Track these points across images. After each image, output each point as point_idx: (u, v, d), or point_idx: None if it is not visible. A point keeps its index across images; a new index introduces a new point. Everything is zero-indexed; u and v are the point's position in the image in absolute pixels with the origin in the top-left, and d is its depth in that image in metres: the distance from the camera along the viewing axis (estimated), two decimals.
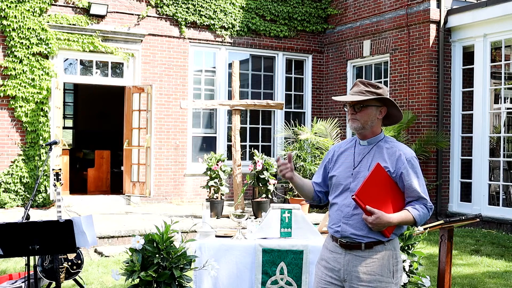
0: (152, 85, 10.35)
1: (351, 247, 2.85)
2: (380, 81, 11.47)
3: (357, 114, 2.92)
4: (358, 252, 2.83)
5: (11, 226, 3.53)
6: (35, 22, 9.78)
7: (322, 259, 2.99)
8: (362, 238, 2.83)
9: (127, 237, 7.60)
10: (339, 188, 2.94)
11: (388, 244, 2.87)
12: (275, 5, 11.98)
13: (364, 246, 2.83)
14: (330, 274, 2.91)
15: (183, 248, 3.51)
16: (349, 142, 3.07)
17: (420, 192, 2.86)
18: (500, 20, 9.41)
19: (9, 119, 9.77)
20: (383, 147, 2.92)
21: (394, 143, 2.95)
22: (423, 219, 2.86)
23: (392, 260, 2.87)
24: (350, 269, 2.84)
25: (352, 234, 2.84)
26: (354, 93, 2.93)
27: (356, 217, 2.84)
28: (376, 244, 2.84)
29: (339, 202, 2.92)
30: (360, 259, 2.83)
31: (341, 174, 2.95)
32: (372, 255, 2.83)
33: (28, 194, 9.79)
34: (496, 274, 6.46)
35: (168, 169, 11.01)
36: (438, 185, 10.21)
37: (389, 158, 2.88)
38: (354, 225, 2.84)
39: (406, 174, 2.85)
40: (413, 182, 2.86)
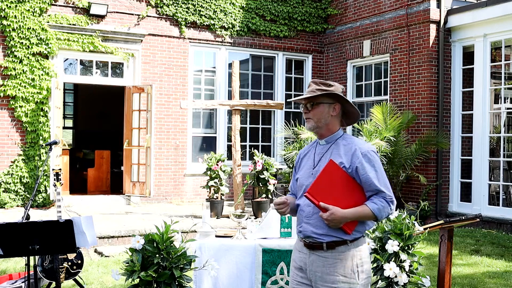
0: (152, 85, 10.35)
1: (314, 247, 2.85)
2: (380, 81, 11.48)
3: (309, 113, 2.93)
4: (321, 253, 2.84)
5: (11, 226, 3.53)
6: (35, 22, 9.78)
7: (293, 259, 3.02)
8: (323, 237, 2.82)
9: (127, 237, 7.60)
10: (301, 189, 2.96)
11: (352, 244, 2.84)
12: (275, 5, 11.98)
13: (326, 246, 2.82)
14: (299, 274, 2.94)
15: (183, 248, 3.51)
16: (311, 145, 3.09)
17: (378, 185, 2.81)
18: (500, 20, 9.41)
19: (9, 119, 9.77)
20: (341, 144, 2.92)
21: (352, 139, 2.95)
22: (383, 213, 2.81)
23: (356, 260, 2.83)
24: (314, 269, 2.86)
25: (313, 233, 2.84)
26: (307, 93, 2.95)
27: (316, 216, 2.84)
28: (338, 244, 2.82)
29: (301, 202, 2.95)
30: (323, 259, 2.83)
31: (303, 176, 2.98)
32: (335, 255, 2.81)
33: (28, 194, 9.79)
34: (496, 274, 6.46)
35: (168, 169, 11.01)
36: (438, 185, 10.21)
37: (345, 154, 2.87)
38: (314, 224, 2.84)
39: (361, 168, 2.82)
40: (370, 176, 2.82)
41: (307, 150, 3.08)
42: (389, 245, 3.92)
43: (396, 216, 4.11)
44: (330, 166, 2.82)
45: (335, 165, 2.82)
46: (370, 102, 11.66)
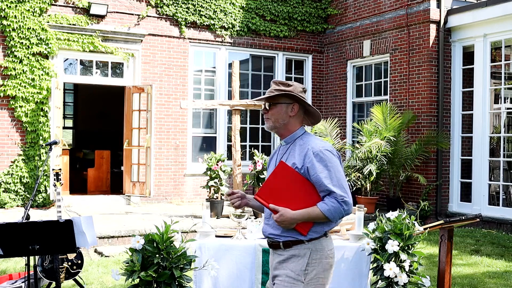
0: (152, 85, 10.35)
1: (274, 246, 2.93)
2: (380, 81, 11.48)
3: (268, 113, 2.94)
4: (279, 251, 2.90)
5: (11, 226, 3.53)
6: (35, 22, 9.78)
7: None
8: (279, 237, 2.87)
9: (127, 237, 7.60)
10: None
11: (309, 244, 2.83)
12: (275, 5, 11.98)
13: (282, 245, 2.87)
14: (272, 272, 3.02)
15: (183, 248, 3.51)
16: (279, 146, 3.11)
17: (328, 185, 2.77)
18: (500, 20, 9.41)
19: (9, 119, 9.77)
20: (297, 145, 2.91)
21: (308, 139, 2.91)
22: (335, 214, 2.77)
23: (308, 259, 2.81)
24: (274, 266, 2.94)
25: (271, 234, 2.92)
26: (267, 93, 2.96)
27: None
28: (295, 243, 2.84)
29: None
30: (280, 257, 2.89)
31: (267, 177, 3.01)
32: (291, 253, 2.85)
33: (28, 194, 9.79)
34: (496, 274, 6.46)
35: (168, 169, 11.01)
36: (438, 185, 10.21)
37: (299, 155, 2.86)
38: (272, 225, 2.91)
39: (311, 168, 2.79)
40: (320, 176, 2.78)
41: (273, 153, 3.12)
42: (389, 245, 3.92)
43: (396, 216, 4.11)
44: (281, 167, 2.81)
45: (286, 166, 2.81)
46: (370, 102, 11.66)
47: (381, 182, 10.38)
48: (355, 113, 12.21)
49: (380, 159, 9.78)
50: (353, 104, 12.15)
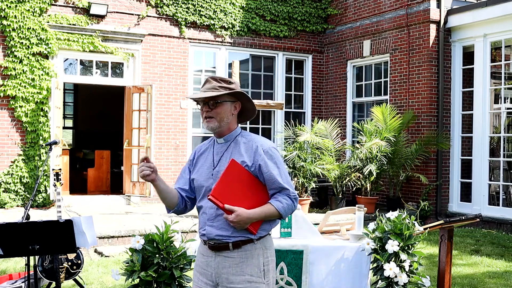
0: (152, 85, 10.35)
1: (219, 249, 2.75)
2: (380, 81, 11.48)
3: (212, 111, 2.79)
4: (227, 253, 2.75)
5: (11, 226, 3.53)
6: (35, 22, 9.78)
7: (197, 264, 2.90)
8: (229, 237, 2.74)
9: (127, 237, 7.60)
10: (201, 190, 2.84)
11: (258, 243, 2.78)
12: (275, 5, 11.98)
13: (232, 246, 2.74)
14: (203, 280, 2.83)
15: (183, 248, 3.51)
16: (208, 143, 2.96)
17: (282, 183, 2.75)
18: (500, 20, 9.41)
19: (9, 119, 9.77)
20: (240, 142, 2.83)
21: (252, 136, 2.87)
22: (288, 210, 2.77)
23: (262, 259, 2.78)
24: (220, 271, 2.76)
25: (217, 236, 2.75)
26: (207, 89, 2.81)
27: (221, 218, 2.75)
28: (245, 243, 2.74)
29: (203, 204, 2.82)
30: (229, 259, 2.75)
31: (201, 176, 2.85)
32: (241, 255, 2.74)
33: (28, 194, 9.79)
34: (496, 274, 6.46)
35: (168, 169, 11.01)
36: (438, 185, 10.21)
37: (246, 152, 2.78)
38: (219, 226, 2.75)
39: (264, 165, 2.75)
40: (273, 173, 2.75)
41: (203, 149, 2.95)
42: (389, 245, 3.92)
43: (396, 216, 4.11)
44: (232, 165, 2.72)
45: (237, 165, 2.73)
46: (370, 102, 11.66)
47: (381, 182, 10.38)
48: (355, 113, 12.21)
49: (380, 159, 9.78)
50: (353, 104, 12.15)
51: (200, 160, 2.92)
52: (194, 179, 2.88)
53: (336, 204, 9.83)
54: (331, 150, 10.30)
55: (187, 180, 2.93)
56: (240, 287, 2.71)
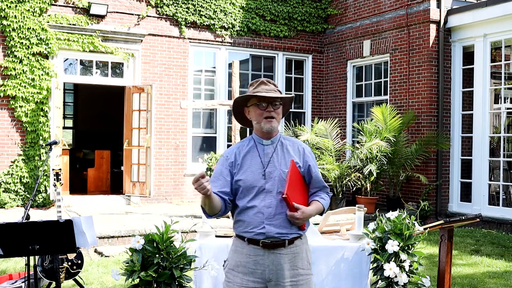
0: (152, 85, 10.35)
1: (275, 246, 2.87)
2: (380, 81, 11.49)
3: (275, 112, 2.94)
4: (281, 250, 2.88)
5: (11, 226, 3.53)
6: (35, 22, 9.78)
7: (238, 266, 2.93)
8: (287, 235, 2.88)
9: (127, 237, 7.60)
10: (253, 191, 2.91)
11: (304, 238, 2.98)
12: (275, 5, 11.98)
13: (287, 243, 2.89)
14: (251, 279, 2.88)
15: (183, 248, 3.50)
16: (247, 144, 3.03)
17: (323, 182, 3.07)
18: (500, 20, 9.41)
19: (9, 119, 9.77)
20: (285, 144, 3.02)
21: (291, 138, 3.09)
22: (327, 206, 3.06)
23: (308, 252, 3.00)
24: (274, 268, 2.86)
25: (277, 234, 2.87)
26: (270, 91, 2.94)
27: (279, 217, 2.88)
28: (296, 239, 2.92)
29: (257, 204, 2.89)
30: (284, 256, 2.88)
31: (250, 177, 2.91)
32: (293, 250, 2.90)
33: (28, 194, 9.79)
34: (496, 274, 6.46)
35: (168, 169, 11.01)
36: (438, 185, 10.21)
37: (295, 154, 2.99)
38: (278, 225, 2.87)
39: (312, 166, 3.01)
40: (318, 173, 3.05)
41: (244, 150, 2.99)
42: (389, 245, 3.92)
43: (396, 216, 4.11)
44: (293, 166, 2.91)
45: (295, 166, 2.93)
46: (370, 102, 11.66)
47: (381, 182, 10.38)
48: (355, 113, 12.21)
49: (380, 159, 9.78)
50: (353, 104, 12.15)
51: (245, 161, 2.97)
52: (241, 180, 2.93)
53: (336, 204, 9.83)
54: (331, 150, 10.30)
55: (228, 182, 2.95)
56: (294, 280, 2.87)
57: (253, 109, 2.97)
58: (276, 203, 2.89)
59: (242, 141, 3.08)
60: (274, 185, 2.90)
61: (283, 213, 2.87)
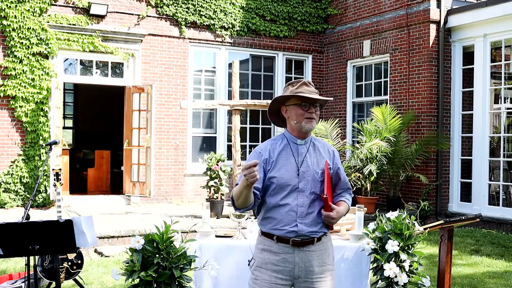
0: (152, 85, 10.35)
1: (304, 244, 2.94)
2: (380, 81, 11.49)
3: (315, 113, 3.00)
4: (310, 247, 2.95)
5: (11, 226, 3.53)
6: (35, 22, 9.78)
7: (266, 263, 2.96)
8: (316, 233, 2.97)
9: (127, 237, 7.60)
10: (286, 189, 2.94)
11: (328, 235, 3.08)
12: (275, 5, 11.98)
13: (316, 240, 2.97)
14: (280, 276, 2.93)
15: (183, 248, 3.50)
16: (280, 142, 3.05)
17: (348, 183, 3.18)
18: (500, 20, 9.41)
19: (9, 119, 9.77)
20: (316, 145, 3.08)
21: (321, 140, 3.17)
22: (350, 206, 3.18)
23: (333, 249, 3.11)
24: (304, 265, 2.93)
25: (308, 232, 2.94)
26: (312, 92, 2.99)
27: (310, 216, 2.96)
28: (323, 236, 3.02)
29: (290, 202, 2.94)
30: (312, 253, 2.95)
31: (285, 175, 2.95)
32: (320, 247, 2.99)
33: (28, 194, 9.79)
34: (496, 274, 6.46)
35: (168, 169, 11.01)
36: (438, 185, 10.21)
37: (326, 155, 3.07)
38: (310, 223, 2.95)
39: (341, 168, 3.13)
40: (345, 175, 3.17)
41: (278, 149, 3.02)
42: (389, 245, 3.92)
43: (396, 216, 4.11)
44: (327, 167, 3.00)
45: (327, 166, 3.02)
46: (370, 102, 11.66)
47: (381, 182, 10.38)
48: (355, 113, 12.21)
49: (380, 159, 9.78)
50: (353, 104, 12.15)
51: (280, 159, 3.00)
52: (275, 177, 2.95)
53: None
54: None
55: (260, 179, 2.96)
56: (322, 276, 2.96)
57: (293, 109, 3.00)
58: (309, 202, 2.95)
59: (273, 138, 3.11)
60: (307, 184, 2.96)
61: (313, 212, 2.95)
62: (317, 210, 2.97)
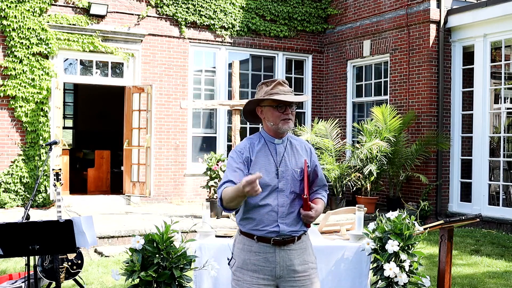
0: (152, 85, 10.35)
1: (285, 243, 2.92)
2: (380, 81, 11.49)
3: (292, 114, 2.97)
4: (290, 246, 2.93)
5: (11, 226, 3.52)
6: (35, 22, 9.78)
7: (247, 264, 2.92)
8: (297, 232, 2.95)
9: (127, 237, 7.60)
10: (266, 189, 2.89)
11: (307, 233, 3.07)
12: (275, 5, 11.98)
13: (297, 239, 2.96)
14: (261, 276, 2.90)
15: (183, 248, 3.50)
16: (257, 142, 3.02)
17: (325, 180, 3.17)
18: (500, 20, 9.41)
19: (9, 119, 9.77)
20: (293, 144, 3.05)
21: (297, 137, 3.13)
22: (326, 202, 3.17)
23: (312, 246, 3.08)
24: (285, 264, 2.91)
25: (290, 232, 2.92)
26: (287, 93, 2.95)
27: (291, 215, 2.94)
28: (303, 235, 3.01)
29: (271, 203, 2.90)
30: (293, 252, 2.93)
31: (265, 175, 2.89)
32: (301, 246, 2.97)
33: (28, 194, 9.79)
34: (496, 274, 6.46)
35: (168, 169, 11.01)
36: (438, 185, 10.21)
37: (304, 154, 3.04)
38: (290, 223, 2.93)
39: (318, 165, 3.11)
40: (322, 172, 3.14)
41: (257, 147, 2.98)
42: (389, 245, 3.92)
43: (396, 216, 4.11)
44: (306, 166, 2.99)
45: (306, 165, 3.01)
46: (370, 102, 11.66)
47: (381, 182, 10.38)
48: (355, 113, 12.21)
49: (380, 159, 9.78)
50: (353, 104, 12.15)
51: (259, 159, 2.96)
52: None
53: (336, 204, 9.83)
54: (331, 150, 10.30)
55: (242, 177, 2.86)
56: (306, 275, 2.94)
57: (269, 110, 2.97)
58: (289, 202, 2.93)
59: (250, 137, 3.07)
60: (287, 184, 2.93)
61: (294, 212, 2.93)
62: (297, 209, 2.95)
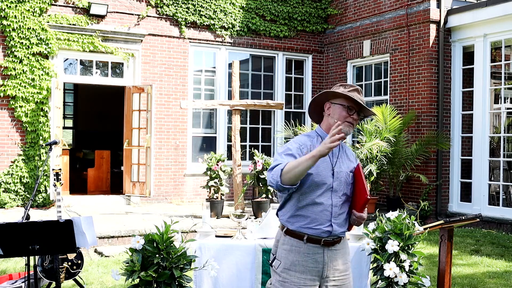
0: (152, 85, 10.35)
1: (333, 243, 2.98)
2: (380, 81, 11.49)
3: (355, 120, 2.98)
4: (335, 247, 3.00)
5: (11, 226, 3.53)
6: (35, 22, 9.78)
7: (295, 265, 2.92)
8: (344, 233, 3.04)
9: (127, 237, 7.60)
10: (321, 187, 2.90)
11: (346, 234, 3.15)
12: (275, 5, 11.98)
13: (341, 240, 3.04)
14: (309, 277, 2.92)
15: (183, 248, 3.51)
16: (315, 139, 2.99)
17: None
18: (500, 20, 9.41)
19: (9, 119, 9.77)
20: (343, 147, 3.10)
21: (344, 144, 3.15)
22: None
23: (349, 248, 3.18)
24: (331, 263, 2.98)
25: (340, 232, 3.00)
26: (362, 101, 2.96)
27: (341, 216, 2.99)
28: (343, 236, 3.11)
29: (324, 202, 2.91)
30: (338, 252, 3.01)
31: (321, 174, 2.90)
32: (343, 246, 3.06)
33: (28, 194, 9.79)
34: (496, 274, 6.46)
35: (168, 169, 11.01)
36: (438, 185, 10.21)
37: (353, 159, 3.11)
38: (341, 224, 2.99)
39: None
40: None
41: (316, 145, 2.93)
42: (389, 245, 3.92)
43: (396, 216, 4.11)
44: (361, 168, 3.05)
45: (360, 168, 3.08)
46: (370, 102, 11.66)
47: (381, 182, 10.38)
48: None
49: (380, 159, 9.78)
50: None
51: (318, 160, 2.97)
52: (312, 174, 2.87)
53: None
54: None
55: None
56: (347, 273, 3.05)
57: (338, 108, 2.96)
58: (341, 203, 2.97)
59: (307, 134, 3.04)
60: (340, 185, 2.96)
61: (344, 213, 2.99)
62: (345, 211, 3.00)
